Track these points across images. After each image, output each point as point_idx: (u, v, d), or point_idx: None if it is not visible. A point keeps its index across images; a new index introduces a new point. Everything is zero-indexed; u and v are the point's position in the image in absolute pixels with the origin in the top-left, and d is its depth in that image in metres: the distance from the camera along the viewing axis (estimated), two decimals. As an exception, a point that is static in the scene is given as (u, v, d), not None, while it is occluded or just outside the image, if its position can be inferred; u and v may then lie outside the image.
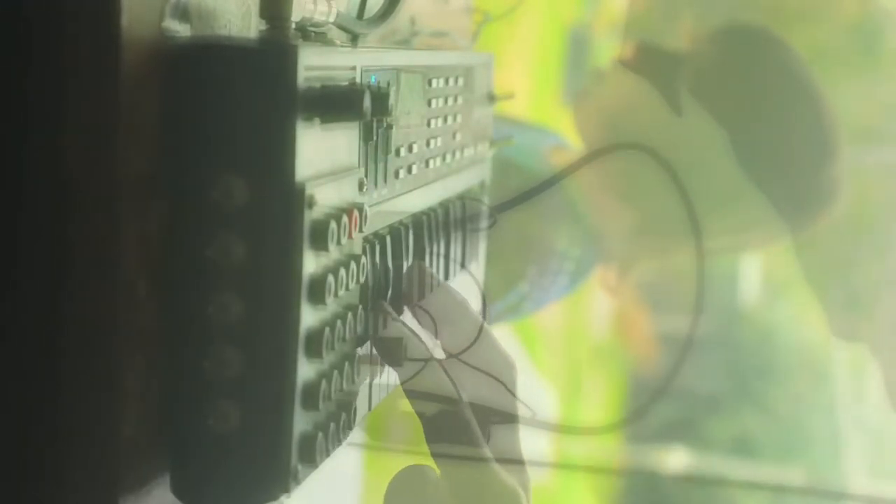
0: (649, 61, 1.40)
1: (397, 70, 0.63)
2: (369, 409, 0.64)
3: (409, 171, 0.66)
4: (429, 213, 0.71)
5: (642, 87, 1.39)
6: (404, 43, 0.80)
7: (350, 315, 0.53)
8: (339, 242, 0.50)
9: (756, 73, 1.41)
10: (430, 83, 0.69)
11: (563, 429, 0.68)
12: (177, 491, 0.49)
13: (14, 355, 0.46)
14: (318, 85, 0.49)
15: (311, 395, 0.49)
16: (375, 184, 0.60)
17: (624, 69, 1.41)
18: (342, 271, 0.51)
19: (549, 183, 0.81)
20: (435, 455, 0.64)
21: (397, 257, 0.65)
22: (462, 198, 0.79)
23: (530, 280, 1.39)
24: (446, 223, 0.75)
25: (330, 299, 0.50)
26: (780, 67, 1.41)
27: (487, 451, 0.64)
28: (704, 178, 1.36)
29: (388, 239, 0.64)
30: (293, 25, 0.53)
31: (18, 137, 0.45)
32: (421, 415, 0.64)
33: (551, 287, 1.43)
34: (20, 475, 0.46)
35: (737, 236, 1.46)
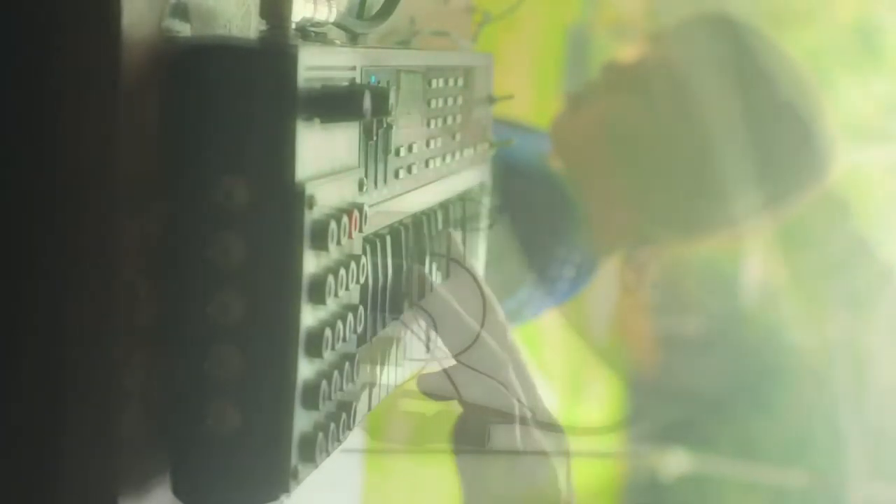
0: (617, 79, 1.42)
1: (397, 70, 0.63)
2: (369, 409, 0.64)
3: (409, 171, 0.66)
4: (429, 213, 0.71)
5: (618, 107, 1.40)
6: (404, 43, 0.80)
7: (350, 315, 0.53)
8: (339, 242, 0.50)
9: (720, 59, 1.42)
10: (430, 83, 0.69)
11: (563, 429, 0.68)
12: (177, 491, 0.49)
13: (14, 355, 0.46)
14: (318, 85, 0.49)
15: (311, 395, 0.49)
16: (375, 184, 0.60)
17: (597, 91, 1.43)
18: (342, 271, 0.51)
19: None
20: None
21: (397, 257, 0.65)
22: (462, 198, 0.79)
23: (530, 286, 1.39)
24: (446, 223, 0.75)
25: (330, 299, 0.50)
26: (744, 49, 1.42)
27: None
28: (699, 174, 1.37)
29: (388, 239, 0.64)
30: (293, 25, 0.53)
31: (18, 137, 0.45)
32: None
33: (551, 292, 1.43)
34: (20, 475, 0.46)
35: (737, 226, 1.46)
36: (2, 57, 0.45)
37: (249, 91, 0.47)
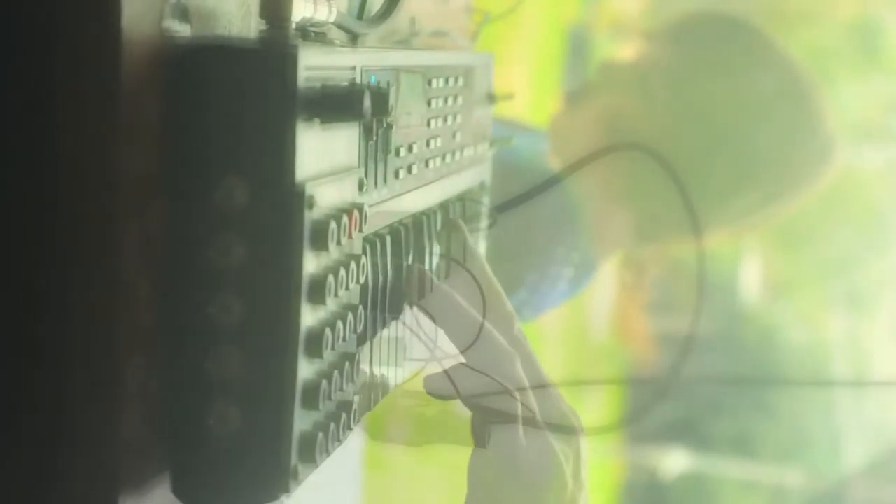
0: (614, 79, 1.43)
1: (397, 70, 0.63)
2: (369, 408, 0.64)
3: (409, 171, 0.66)
4: (429, 213, 0.71)
5: (615, 106, 1.40)
6: (404, 43, 0.80)
7: (350, 315, 0.53)
8: (339, 242, 0.50)
9: (718, 58, 1.42)
10: (430, 83, 0.69)
11: (563, 428, 0.68)
12: (177, 491, 0.49)
13: (14, 355, 0.46)
14: (318, 85, 0.49)
15: (311, 395, 0.49)
16: (375, 184, 0.60)
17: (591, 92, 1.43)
18: (342, 271, 0.51)
19: (549, 183, 0.81)
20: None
21: (397, 257, 0.65)
22: (462, 198, 0.79)
23: (529, 286, 1.39)
24: (446, 223, 0.75)
25: (330, 299, 0.50)
26: (742, 47, 1.42)
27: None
28: (698, 173, 1.37)
29: (388, 239, 0.64)
30: (293, 26, 0.53)
31: (18, 138, 0.45)
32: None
33: (550, 293, 1.43)
34: (20, 475, 0.46)
35: (737, 223, 1.46)
36: (2, 57, 0.45)
37: (249, 91, 0.47)
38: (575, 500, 0.68)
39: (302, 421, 0.49)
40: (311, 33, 0.57)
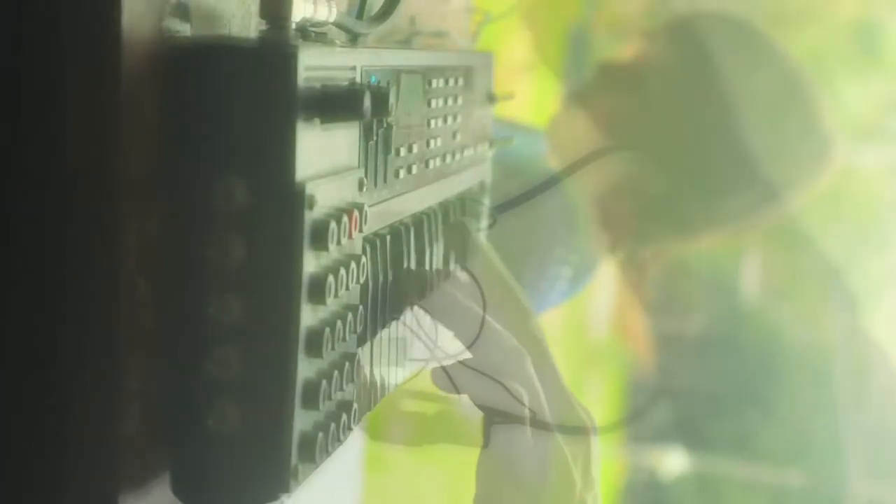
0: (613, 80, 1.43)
1: (397, 70, 0.63)
2: (369, 408, 0.64)
3: (409, 171, 0.66)
4: (429, 213, 0.71)
5: (613, 106, 1.40)
6: (404, 43, 0.80)
7: (350, 315, 0.53)
8: (339, 242, 0.50)
9: (717, 54, 1.42)
10: (430, 83, 0.69)
11: (563, 429, 0.68)
12: (176, 491, 0.49)
13: (13, 355, 0.46)
14: (318, 85, 0.49)
15: (311, 395, 0.49)
16: (375, 184, 0.60)
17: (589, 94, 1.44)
18: (342, 271, 0.51)
19: (549, 183, 0.81)
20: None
21: (397, 257, 0.65)
22: (462, 198, 0.79)
23: (528, 286, 1.39)
24: (446, 223, 0.75)
25: (330, 299, 0.50)
26: (740, 46, 1.42)
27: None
28: (696, 173, 1.37)
29: (388, 239, 0.64)
30: (293, 25, 0.53)
31: (18, 137, 0.45)
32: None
33: (549, 293, 1.43)
34: (20, 475, 0.46)
35: (736, 223, 1.46)
36: (2, 57, 0.45)
37: (249, 91, 0.47)
38: (584, 500, 0.67)
39: (302, 421, 0.49)
40: (311, 33, 0.57)
